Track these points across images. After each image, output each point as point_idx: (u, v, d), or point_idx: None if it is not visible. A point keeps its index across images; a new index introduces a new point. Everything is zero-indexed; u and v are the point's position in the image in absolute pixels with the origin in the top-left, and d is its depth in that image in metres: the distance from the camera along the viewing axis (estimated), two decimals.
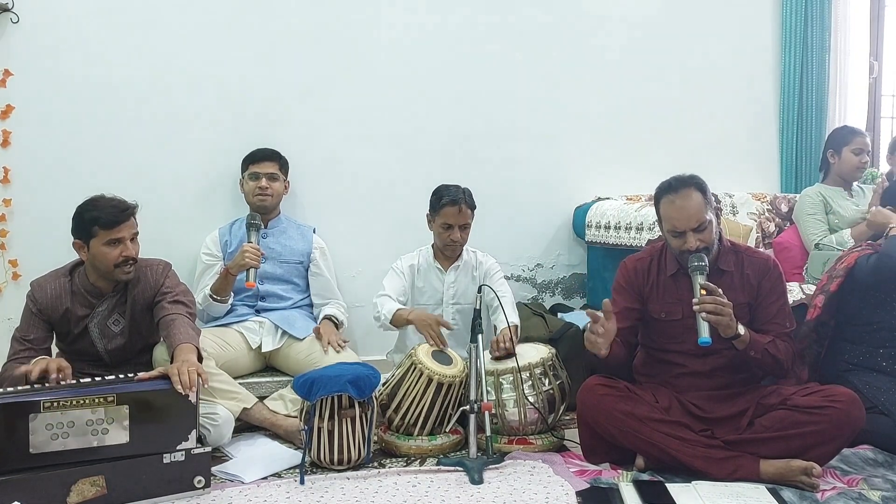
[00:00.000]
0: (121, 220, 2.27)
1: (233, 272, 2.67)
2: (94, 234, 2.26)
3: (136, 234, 2.34)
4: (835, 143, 3.34)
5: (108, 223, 2.25)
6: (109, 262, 2.27)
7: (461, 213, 2.75)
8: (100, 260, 2.28)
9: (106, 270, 2.30)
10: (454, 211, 2.75)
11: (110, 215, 2.26)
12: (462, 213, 2.75)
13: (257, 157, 2.94)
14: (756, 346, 2.15)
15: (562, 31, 3.55)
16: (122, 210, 2.28)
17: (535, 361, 2.47)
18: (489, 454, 2.24)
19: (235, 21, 3.10)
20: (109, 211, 2.26)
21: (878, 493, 2.01)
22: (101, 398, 1.95)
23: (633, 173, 3.58)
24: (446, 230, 2.78)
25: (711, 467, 2.08)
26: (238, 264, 2.64)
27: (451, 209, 2.75)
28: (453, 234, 2.77)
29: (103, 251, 2.26)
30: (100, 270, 2.31)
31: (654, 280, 2.34)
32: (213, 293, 2.71)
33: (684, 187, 2.21)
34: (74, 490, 1.91)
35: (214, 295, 2.71)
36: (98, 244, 2.26)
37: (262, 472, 2.20)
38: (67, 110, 2.92)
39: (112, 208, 2.27)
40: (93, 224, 2.25)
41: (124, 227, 2.28)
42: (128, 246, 2.28)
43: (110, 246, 2.26)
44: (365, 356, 2.97)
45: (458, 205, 2.74)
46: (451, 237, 2.78)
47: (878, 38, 4.14)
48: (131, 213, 2.31)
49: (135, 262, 2.32)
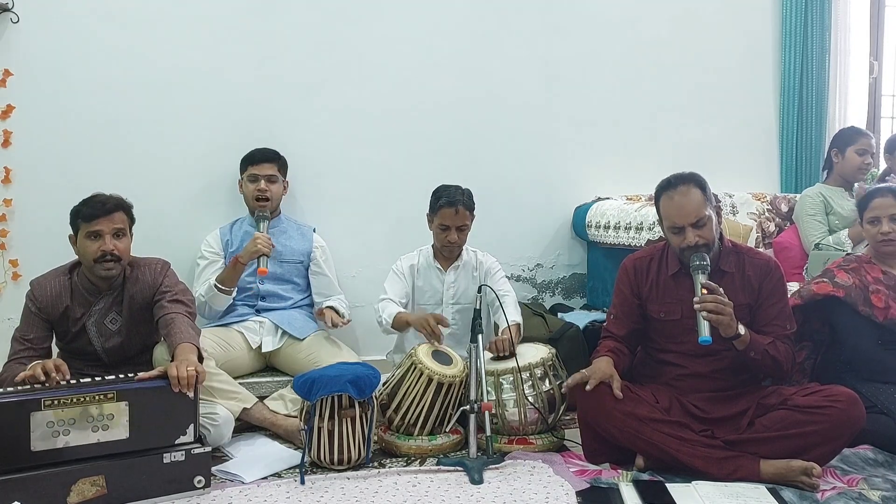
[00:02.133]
0: (99, 213, 2.27)
1: (243, 260, 2.68)
2: (78, 226, 2.30)
3: (122, 231, 2.32)
4: (840, 142, 3.34)
5: (87, 216, 2.28)
6: (89, 257, 2.28)
7: (458, 215, 2.75)
8: (82, 254, 2.31)
9: (87, 265, 2.31)
10: (451, 213, 2.74)
11: (91, 209, 2.28)
12: (459, 214, 2.75)
13: (256, 158, 2.93)
14: (756, 346, 2.15)
15: (562, 31, 3.55)
16: (104, 204, 2.29)
17: (535, 361, 2.47)
18: (489, 454, 2.24)
19: (236, 21, 3.10)
20: (92, 205, 2.29)
21: (878, 493, 2.01)
22: (101, 395, 1.96)
23: (633, 173, 3.58)
24: (443, 231, 2.78)
25: (711, 467, 2.08)
26: (250, 251, 2.65)
27: (448, 210, 2.74)
28: (450, 235, 2.77)
29: (84, 244, 2.29)
30: (86, 266, 2.33)
31: (653, 279, 2.34)
32: (219, 283, 2.71)
33: (683, 184, 2.22)
34: (74, 490, 1.91)
35: (220, 285, 2.70)
36: (81, 237, 2.30)
37: (262, 472, 2.19)
38: (68, 110, 2.92)
39: (96, 202, 2.29)
40: (76, 217, 2.30)
41: (103, 220, 2.28)
42: (106, 241, 2.27)
43: (90, 239, 2.28)
44: (365, 356, 2.97)
45: (455, 206, 2.73)
46: (448, 238, 2.78)
47: (878, 38, 4.14)
48: (113, 208, 2.30)
49: (117, 259, 2.29)
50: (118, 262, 2.31)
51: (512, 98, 3.49)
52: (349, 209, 3.29)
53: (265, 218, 2.79)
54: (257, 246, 2.64)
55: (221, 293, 2.72)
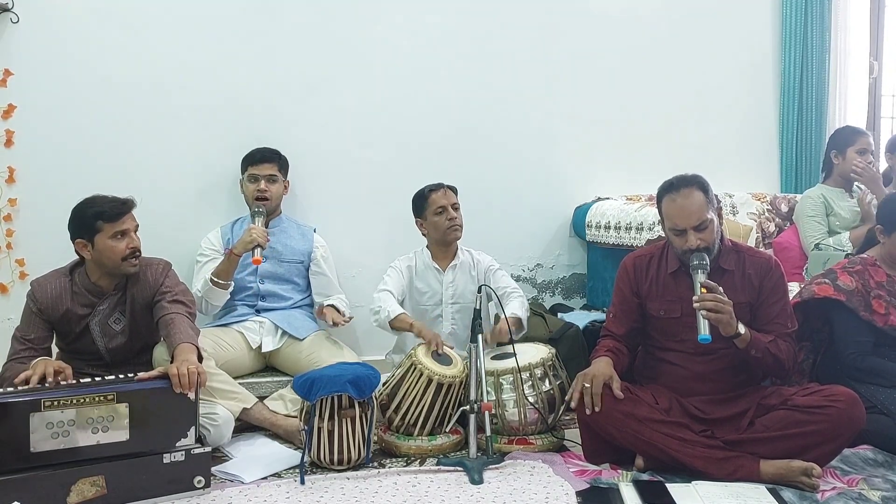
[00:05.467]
0: (123, 211, 2.30)
1: (237, 252, 2.67)
2: (99, 229, 2.27)
3: (138, 227, 2.36)
4: (838, 143, 3.30)
5: (112, 216, 2.27)
6: (117, 256, 2.28)
7: (447, 195, 2.83)
8: (107, 255, 2.29)
9: (113, 265, 2.31)
10: (441, 194, 2.82)
11: (113, 208, 2.28)
12: (447, 194, 2.83)
13: (256, 158, 2.93)
14: (757, 345, 2.15)
15: (563, 30, 3.55)
16: (123, 202, 2.32)
17: (535, 361, 2.47)
18: (489, 454, 2.24)
19: (236, 21, 3.10)
20: (111, 205, 2.29)
21: (878, 493, 2.01)
22: (101, 396, 1.95)
23: (633, 173, 3.58)
24: (442, 215, 2.81)
25: (711, 467, 2.08)
26: (245, 241, 2.65)
27: (437, 193, 2.82)
28: (449, 213, 2.81)
29: (110, 245, 2.27)
30: (106, 266, 2.32)
31: (653, 277, 2.34)
32: (215, 277, 2.70)
33: (686, 186, 2.22)
34: (74, 490, 1.91)
35: (216, 278, 2.69)
36: (104, 239, 2.27)
37: (262, 472, 2.20)
38: (69, 110, 2.92)
39: (113, 202, 2.30)
40: (96, 219, 2.27)
41: (127, 218, 2.31)
42: (133, 237, 2.32)
43: (116, 239, 2.28)
44: (365, 356, 2.97)
45: (442, 188, 2.84)
46: (448, 218, 2.81)
47: (878, 38, 4.14)
48: (132, 205, 2.34)
49: (139, 254, 2.34)
50: (140, 258, 2.35)
51: (512, 98, 3.49)
52: (349, 209, 3.28)
53: (261, 214, 2.79)
54: (252, 235, 2.64)
55: (217, 287, 2.70)
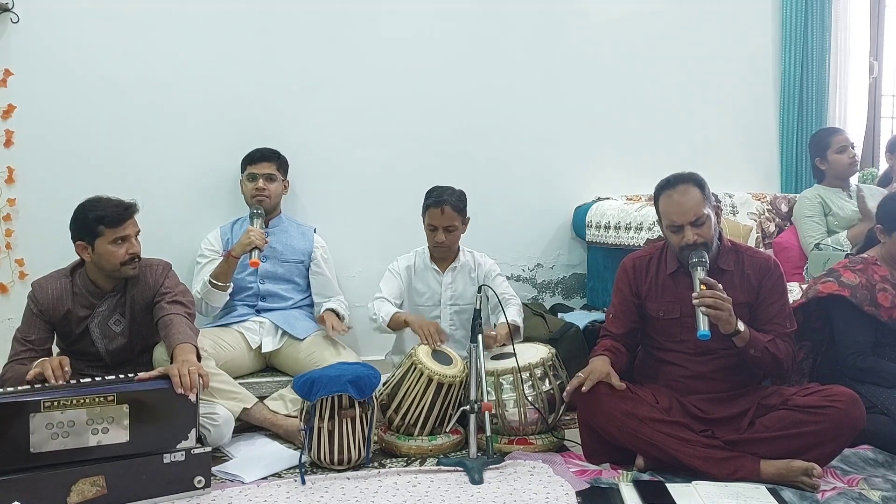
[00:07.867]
0: (125, 217, 2.29)
1: (235, 254, 2.68)
2: (100, 233, 2.27)
3: (139, 232, 2.36)
4: (817, 149, 3.36)
5: (113, 221, 2.27)
6: (116, 261, 2.28)
7: (444, 216, 2.72)
8: (106, 259, 2.29)
9: (112, 269, 2.31)
10: (437, 213, 2.73)
11: (115, 214, 2.28)
12: (445, 215, 2.72)
13: (255, 157, 2.94)
14: (756, 343, 2.15)
15: (562, 31, 3.55)
16: (126, 208, 2.31)
17: (535, 361, 2.47)
18: (489, 454, 2.24)
19: (236, 20, 3.10)
20: (114, 209, 2.28)
21: (878, 493, 2.01)
22: (101, 397, 1.95)
23: (633, 173, 3.58)
24: (432, 232, 2.78)
25: (711, 467, 2.08)
26: (243, 244, 2.65)
27: (434, 211, 2.74)
28: (437, 235, 2.75)
29: (110, 250, 2.27)
30: (105, 270, 2.32)
31: (652, 277, 2.34)
32: (213, 279, 2.70)
33: (682, 183, 2.23)
34: (74, 490, 1.91)
35: (214, 280, 2.69)
36: (104, 243, 2.27)
37: (262, 472, 2.19)
38: (69, 109, 2.92)
39: (115, 206, 2.29)
40: (98, 223, 2.26)
41: (129, 224, 2.30)
42: (133, 243, 2.31)
43: (116, 244, 2.28)
44: (365, 356, 2.97)
45: (441, 206, 2.71)
46: (435, 239, 2.77)
47: (878, 38, 4.14)
48: (134, 210, 2.33)
49: (139, 258, 2.34)
50: (139, 262, 2.35)
51: (512, 98, 3.49)
52: (349, 209, 3.29)
53: (260, 215, 2.79)
54: (250, 238, 2.64)
55: (216, 289, 2.71)
